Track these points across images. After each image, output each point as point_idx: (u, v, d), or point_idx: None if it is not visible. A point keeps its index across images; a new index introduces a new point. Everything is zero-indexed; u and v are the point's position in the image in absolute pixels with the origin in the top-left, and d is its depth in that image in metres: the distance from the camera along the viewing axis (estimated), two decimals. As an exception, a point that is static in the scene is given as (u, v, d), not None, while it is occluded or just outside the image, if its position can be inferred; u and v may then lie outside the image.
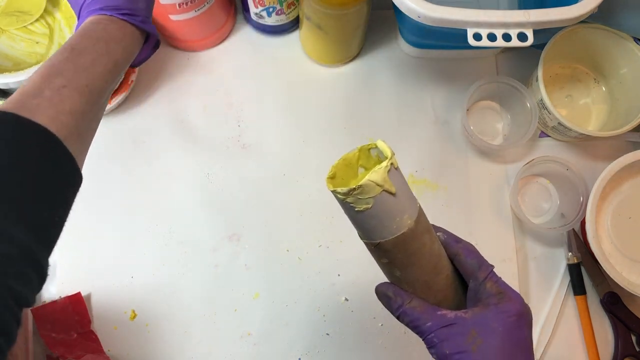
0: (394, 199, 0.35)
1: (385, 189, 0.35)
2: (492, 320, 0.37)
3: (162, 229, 0.65)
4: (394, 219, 0.36)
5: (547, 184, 0.68)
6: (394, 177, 0.35)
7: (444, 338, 0.37)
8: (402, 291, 0.39)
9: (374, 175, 0.34)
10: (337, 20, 0.59)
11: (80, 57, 0.37)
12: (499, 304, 0.38)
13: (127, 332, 0.62)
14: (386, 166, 0.35)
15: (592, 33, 0.64)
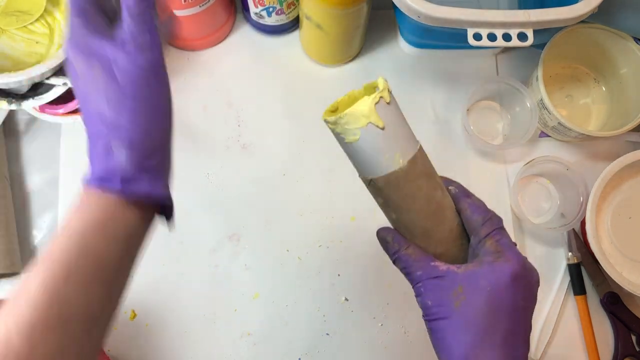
0: (382, 133, 0.35)
1: (371, 122, 0.35)
2: (482, 278, 0.35)
3: (162, 229, 0.64)
4: (383, 155, 0.36)
5: (547, 184, 0.68)
6: (385, 112, 0.35)
7: (431, 289, 0.36)
8: (401, 237, 0.39)
9: (360, 105, 0.35)
10: (337, 20, 0.59)
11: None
12: (493, 262, 0.36)
13: (127, 332, 0.62)
14: (374, 98, 0.35)
15: (592, 33, 0.64)
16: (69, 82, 0.56)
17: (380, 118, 0.35)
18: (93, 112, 0.34)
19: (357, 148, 0.36)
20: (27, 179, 0.66)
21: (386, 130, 0.35)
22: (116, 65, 0.33)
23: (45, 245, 0.64)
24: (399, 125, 0.37)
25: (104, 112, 0.33)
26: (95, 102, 0.33)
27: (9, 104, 0.57)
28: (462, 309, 0.35)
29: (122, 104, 0.33)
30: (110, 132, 0.33)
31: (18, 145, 0.67)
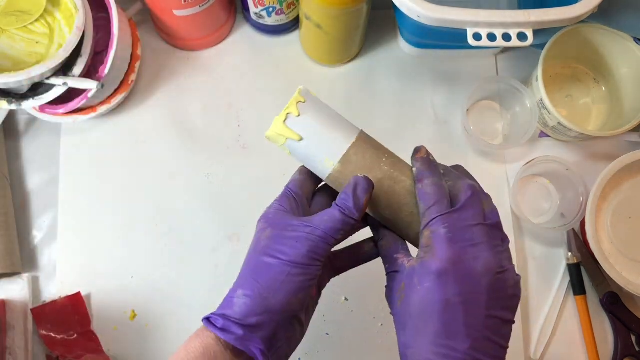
0: (303, 144, 0.39)
1: (288, 138, 0.39)
2: (415, 275, 0.35)
3: (162, 229, 0.65)
4: (315, 162, 0.40)
5: (547, 184, 0.68)
6: (298, 124, 0.38)
7: (389, 283, 0.37)
8: (381, 229, 0.40)
9: (273, 127, 0.39)
10: (337, 20, 0.59)
11: None
12: (422, 258, 0.35)
13: (127, 332, 0.62)
14: (280, 117, 0.38)
15: (592, 33, 0.64)
16: (68, 81, 0.56)
17: (295, 132, 0.38)
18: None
19: (297, 160, 0.41)
20: (27, 179, 0.66)
21: (305, 141, 0.38)
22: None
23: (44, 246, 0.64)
24: (320, 132, 0.39)
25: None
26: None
27: (9, 104, 0.57)
28: (401, 307, 0.35)
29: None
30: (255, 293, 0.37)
31: (18, 145, 0.67)
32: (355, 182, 0.37)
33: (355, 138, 0.40)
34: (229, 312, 0.37)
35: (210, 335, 0.36)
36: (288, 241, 0.37)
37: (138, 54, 0.65)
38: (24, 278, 0.62)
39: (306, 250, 0.36)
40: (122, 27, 0.60)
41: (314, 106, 0.39)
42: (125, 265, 0.63)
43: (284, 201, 0.40)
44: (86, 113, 0.64)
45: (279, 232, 0.37)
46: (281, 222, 0.38)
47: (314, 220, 0.37)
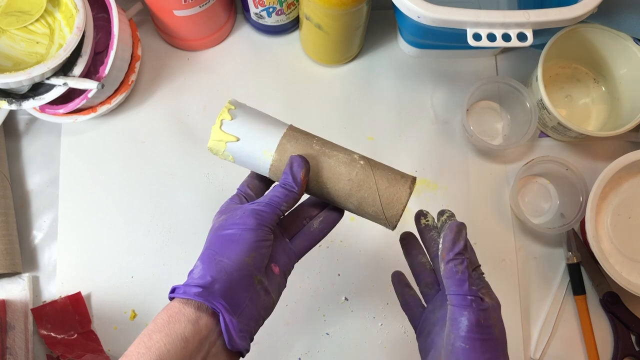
0: (240, 144, 0.43)
1: (228, 141, 0.43)
2: (499, 311, 0.39)
3: (162, 229, 0.65)
4: (256, 158, 0.44)
5: (547, 184, 0.68)
6: (232, 127, 0.43)
7: (481, 310, 0.37)
8: (404, 281, 0.45)
9: (212, 136, 0.43)
10: (337, 20, 0.59)
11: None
12: (496, 297, 0.40)
13: (127, 332, 0.62)
14: (216, 125, 0.42)
15: (592, 33, 0.64)
16: (68, 82, 0.56)
17: (232, 134, 0.43)
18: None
19: (241, 164, 0.45)
20: (27, 179, 0.66)
21: (243, 140, 0.43)
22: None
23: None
24: (254, 129, 0.43)
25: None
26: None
27: (9, 104, 0.57)
28: (499, 335, 0.38)
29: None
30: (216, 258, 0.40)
31: (18, 145, 0.67)
32: (291, 160, 0.43)
33: (286, 129, 0.44)
34: (189, 281, 0.40)
35: (173, 303, 0.38)
36: (238, 215, 0.41)
37: (138, 54, 0.65)
38: (24, 278, 0.62)
39: (253, 218, 0.40)
40: (122, 27, 0.60)
41: (244, 110, 0.44)
42: (125, 265, 0.63)
43: (234, 199, 0.45)
44: (86, 113, 0.64)
45: (232, 212, 0.42)
46: (232, 207, 0.43)
47: (259, 198, 0.43)
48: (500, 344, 0.38)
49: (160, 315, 0.38)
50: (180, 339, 0.36)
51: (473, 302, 0.37)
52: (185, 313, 0.37)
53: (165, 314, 0.38)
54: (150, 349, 0.36)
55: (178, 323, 0.37)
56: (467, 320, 0.36)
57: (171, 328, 0.37)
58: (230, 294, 0.38)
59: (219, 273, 0.39)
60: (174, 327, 0.37)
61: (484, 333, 0.36)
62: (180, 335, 0.37)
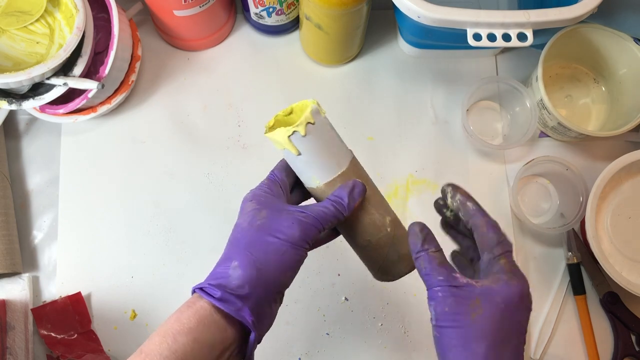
0: (298, 158, 0.41)
1: (287, 148, 0.41)
2: (498, 295, 0.37)
3: (162, 229, 0.65)
4: (303, 174, 0.43)
5: (547, 184, 0.68)
6: (301, 142, 0.41)
7: (449, 296, 0.37)
8: (434, 238, 0.40)
9: (277, 134, 0.41)
10: (337, 20, 0.59)
11: None
12: (509, 281, 0.37)
13: (127, 332, 0.62)
14: (288, 131, 0.40)
15: (592, 33, 0.64)
16: (68, 82, 0.56)
17: (295, 147, 0.41)
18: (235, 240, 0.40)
19: (285, 159, 0.44)
20: (27, 179, 0.66)
21: (302, 157, 0.41)
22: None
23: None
24: (317, 155, 0.41)
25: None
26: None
27: (9, 104, 0.57)
28: (478, 321, 0.36)
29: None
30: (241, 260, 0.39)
31: (18, 145, 0.67)
32: (353, 184, 0.42)
33: (345, 168, 0.43)
34: (225, 283, 0.38)
35: (204, 305, 0.37)
36: (285, 222, 0.39)
37: (138, 54, 0.65)
38: (24, 278, 0.62)
39: (300, 232, 0.39)
40: (122, 27, 0.60)
41: (320, 129, 0.41)
42: (125, 265, 0.63)
43: (271, 186, 0.43)
44: (86, 113, 0.64)
45: (277, 213, 0.40)
46: (276, 205, 0.41)
47: (308, 208, 0.41)
48: (476, 329, 0.36)
49: (186, 314, 0.37)
50: (208, 346, 0.36)
51: (439, 292, 0.37)
52: (216, 320, 0.37)
53: (194, 315, 0.37)
54: (176, 352, 0.35)
55: (207, 329, 0.36)
56: (433, 310, 0.37)
57: (200, 333, 0.36)
58: (259, 309, 0.38)
59: (257, 288, 0.38)
60: (202, 333, 0.36)
61: (450, 321, 0.36)
62: (209, 343, 0.36)
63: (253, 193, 0.42)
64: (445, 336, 0.37)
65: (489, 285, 0.37)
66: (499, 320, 0.36)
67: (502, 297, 0.37)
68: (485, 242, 0.40)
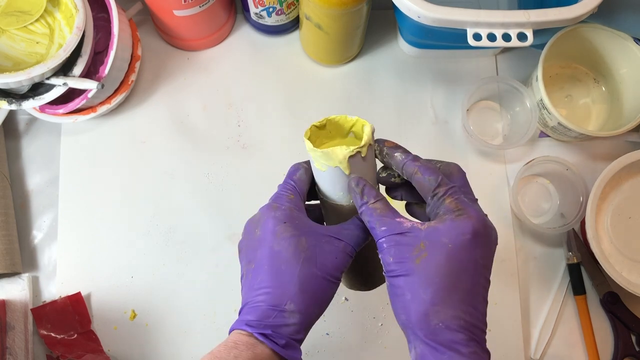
0: (345, 177, 0.39)
1: (340, 167, 0.38)
2: (443, 235, 0.35)
3: (162, 229, 0.65)
4: (338, 191, 0.40)
5: (547, 184, 0.68)
6: (355, 162, 0.38)
7: (393, 245, 0.35)
8: (372, 190, 0.38)
9: (338, 151, 0.38)
10: (337, 20, 0.59)
11: None
12: (455, 219, 0.35)
13: (127, 332, 0.62)
14: (352, 151, 0.38)
15: (592, 33, 0.64)
16: (68, 82, 0.56)
17: (349, 167, 0.38)
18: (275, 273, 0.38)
19: (319, 175, 0.41)
20: (27, 179, 0.66)
21: (349, 175, 0.39)
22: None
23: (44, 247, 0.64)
24: (363, 175, 0.40)
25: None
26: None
27: (9, 104, 0.57)
28: (422, 266, 0.34)
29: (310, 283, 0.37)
30: (285, 296, 0.37)
31: (18, 145, 0.67)
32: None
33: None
34: (283, 327, 0.37)
35: (265, 350, 0.36)
36: (328, 255, 0.38)
37: (138, 54, 0.65)
38: (24, 278, 0.62)
39: (341, 264, 0.38)
40: (122, 27, 0.60)
41: (372, 153, 0.40)
42: (125, 265, 0.63)
43: (297, 201, 0.40)
44: (86, 113, 0.64)
45: (316, 243, 0.38)
46: (311, 230, 0.39)
47: (343, 234, 0.39)
48: (420, 273, 0.34)
49: (244, 355, 0.36)
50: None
51: (384, 243, 0.36)
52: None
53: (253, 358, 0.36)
54: None
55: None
56: (383, 263, 0.36)
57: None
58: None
59: (308, 330, 0.38)
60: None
61: (398, 269, 0.35)
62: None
63: (283, 213, 0.39)
64: (394, 286, 0.35)
65: (434, 225, 0.35)
66: (446, 262, 0.34)
67: (449, 237, 0.34)
68: (425, 188, 0.38)
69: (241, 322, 0.37)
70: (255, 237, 0.39)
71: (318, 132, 0.42)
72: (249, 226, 0.41)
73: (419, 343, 0.35)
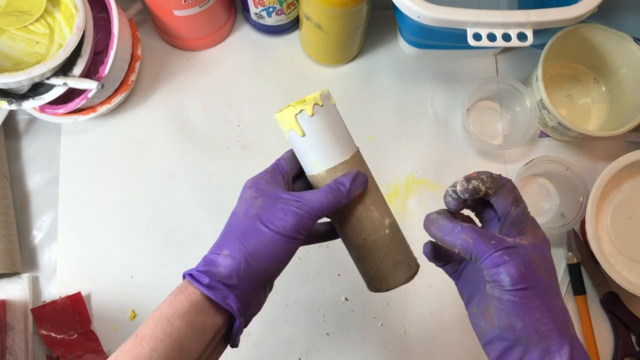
0: (302, 140, 0.41)
1: (293, 129, 0.41)
2: (543, 247, 0.37)
3: (162, 229, 0.65)
4: (306, 158, 0.42)
5: (547, 184, 0.68)
6: (307, 123, 0.41)
7: (515, 257, 0.35)
8: (453, 217, 0.39)
9: (285, 114, 0.41)
10: (337, 20, 0.59)
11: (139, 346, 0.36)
12: (539, 233, 0.37)
13: (127, 332, 0.62)
14: (294, 109, 0.41)
15: (592, 33, 0.64)
16: (68, 82, 0.56)
17: (301, 127, 0.41)
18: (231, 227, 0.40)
19: (291, 145, 0.44)
20: (27, 179, 0.66)
21: (306, 138, 0.41)
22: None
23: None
24: (321, 139, 0.41)
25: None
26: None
27: (9, 104, 0.57)
28: (546, 276, 0.36)
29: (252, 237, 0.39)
30: (235, 247, 0.39)
31: (18, 145, 0.67)
32: (356, 173, 0.41)
33: (349, 157, 0.42)
34: (214, 270, 0.38)
35: (195, 291, 0.38)
36: (279, 213, 0.39)
37: (138, 54, 0.65)
38: (24, 278, 0.62)
39: (294, 224, 0.38)
40: (122, 27, 0.60)
41: (327, 113, 0.42)
42: (125, 265, 0.63)
43: (274, 175, 0.43)
44: (86, 113, 0.64)
45: (271, 202, 0.40)
46: (273, 193, 0.40)
47: (304, 196, 0.40)
48: (547, 284, 0.36)
49: (179, 298, 0.38)
50: (200, 330, 0.37)
51: (504, 255, 0.35)
52: (207, 305, 0.38)
53: (186, 299, 0.37)
54: (171, 335, 0.36)
55: (199, 314, 0.37)
56: (507, 276, 0.35)
57: (193, 317, 0.37)
58: (246, 298, 0.39)
59: (245, 278, 0.38)
60: (195, 317, 0.37)
61: (528, 281, 0.35)
62: (201, 327, 0.37)
63: (253, 180, 0.43)
64: (527, 298, 0.35)
65: (533, 241, 0.37)
66: (553, 271, 0.37)
67: (547, 249, 0.37)
68: (509, 200, 0.39)
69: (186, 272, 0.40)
70: None
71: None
72: None
73: (565, 350, 0.35)
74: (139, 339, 0.36)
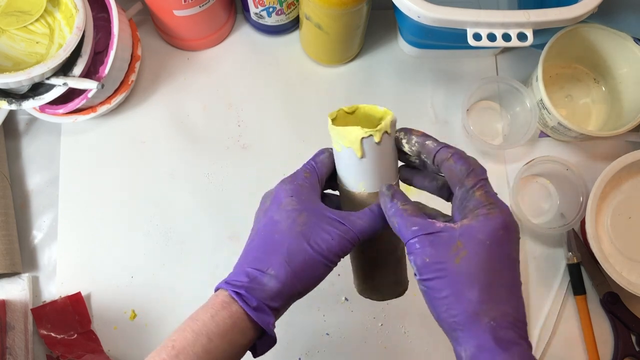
0: (357, 161, 0.39)
1: (352, 148, 0.39)
2: (480, 232, 0.34)
3: (162, 229, 0.65)
4: (352, 176, 0.41)
5: (547, 184, 0.68)
6: (369, 147, 0.39)
7: (427, 245, 0.34)
8: (403, 195, 0.38)
9: (351, 132, 0.39)
10: (337, 20, 0.59)
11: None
12: (488, 214, 0.34)
13: (127, 332, 0.62)
14: (365, 133, 0.38)
15: (592, 33, 0.64)
16: (68, 82, 0.56)
17: (362, 150, 0.39)
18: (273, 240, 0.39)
19: (337, 157, 0.42)
20: (27, 179, 0.66)
21: (362, 161, 0.39)
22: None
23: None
24: (377, 164, 0.40)
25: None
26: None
27: (9, 104, 0.57)
28: (464, 265, 0.33)
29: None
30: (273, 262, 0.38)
31: (18, 145, 0.67)
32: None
33: (394, 184, 0.42)
34: (259, 289, 0.37)
35: (239, 310, 0.37)
36: (324, 235, 0.38)
37: (138, 54, 0.65)
38: (24, 278, 0.62)
39: (337, 248, 0.38)
40: (122, 27, 0.60)
41: (389, 143, 0.40)
42: (125, 265, 0.63)
43: (312, 180, 0.41)
44: (86, 113, 0.64)
45: (317, 221, 0.38)
46: (317, 209, 0.39)
47: (349, 219, 0.39)
48: (463, 274, 0.33)
49: (221, 315, 0.37)
50: (239, 347, 0.37)
51: (417, 243, 0.35)
52: (248, 326, 0.37)
53: (229, 318, 0.37)
54: (210, 352, 0.35)
55: (240, 334, 0.37)
56: (414, 265, 0.35)
57: (234, 336, 0.37)
58: (280, 315, 0.40)
59: (287, 300, 0.38)
60: (236, 336, 0.37)
61: (433, 271, 0.34)
62: (239, 344, 0.37)
63: (293, 187, 0.40)
64: (433, 289, 0.34)
65: (468, 223, 0.34)
66: (487, 259, 0.33)
67: (485, 234, 0.34)
68: (455, 176, 0.37)
69: (223, 281, 0.38)
70: (264, 207, 0.41)
71: (346, 118, 0.42)
72: (263, 197, 0.43)
73: (471, 344, 0.33)
74: (175, 352, 0.35)
